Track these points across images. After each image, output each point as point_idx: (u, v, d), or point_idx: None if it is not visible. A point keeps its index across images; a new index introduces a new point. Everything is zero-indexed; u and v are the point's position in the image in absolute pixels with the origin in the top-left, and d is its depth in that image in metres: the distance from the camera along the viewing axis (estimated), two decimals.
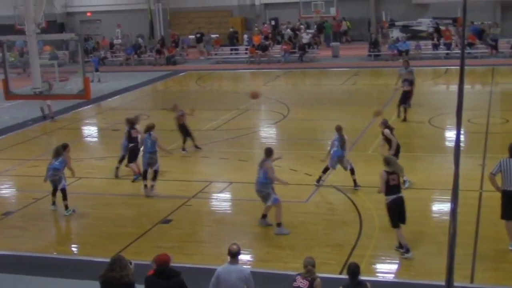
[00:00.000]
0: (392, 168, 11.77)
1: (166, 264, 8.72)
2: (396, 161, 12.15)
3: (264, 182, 13.15)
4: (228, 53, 44.16)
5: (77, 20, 53.69)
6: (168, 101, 30.31)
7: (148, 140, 16.12)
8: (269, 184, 13.18)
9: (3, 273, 12.08)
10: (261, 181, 13.18)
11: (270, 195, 13.17)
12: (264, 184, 13.15)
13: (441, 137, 20.91)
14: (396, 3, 46.94)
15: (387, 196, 11.77)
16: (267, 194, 13.18)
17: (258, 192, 13.29)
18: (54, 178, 14.96)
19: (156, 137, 16.32)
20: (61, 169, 14.99)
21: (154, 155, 16.07)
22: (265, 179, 13.13)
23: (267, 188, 13.17)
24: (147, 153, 16.04)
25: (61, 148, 15.19)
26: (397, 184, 11.76)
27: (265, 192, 13.19)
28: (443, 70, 34.38)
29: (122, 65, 43.05)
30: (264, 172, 13.12)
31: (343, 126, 16.03)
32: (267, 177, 13.12)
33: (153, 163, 16.04)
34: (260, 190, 13.24)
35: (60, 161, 14.99)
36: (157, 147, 16.14)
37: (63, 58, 41.27)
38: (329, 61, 39.88)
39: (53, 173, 14.96)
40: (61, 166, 14.99)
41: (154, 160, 16.04)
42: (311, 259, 8.86)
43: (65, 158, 15.08)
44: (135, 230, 13.76)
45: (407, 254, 11.76)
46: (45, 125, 25.32)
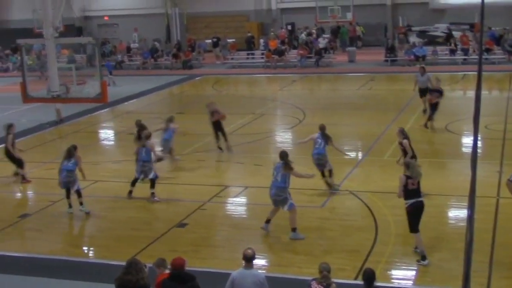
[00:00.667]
0: (410, 172, 11.73)
1: (182, 268, 8.74)
2: (415, 165, 12.02)
3: (282, 187, 13.05)
4: (244, 57, 44.21)
5: (94, 24, 54.00)
6: (184, 105, 30.46)
7: (143, 149, 16.07)
8: (287, 188, 13.12)
9: (19, 275, 12.15)
10: (278, 185, 13.06)
11: (287, 200, 13.09)
12: (282, 189, 13.05)
13: (458, 143, 20.80)
14: (413, 8, 46.77)
15: (407, 201, 11.71)
16: (285, 198, 13.08)
17: (275, 196, 13.12)
18: (69, 179, 15.09)
19: (153, 145, 16.36)
20: (74, 170, 15.15)
21: (148, 163, 16.03)
22: (284, 183, 13.04)
23: (285, 192, 13.09)
24: (140, 161, 15.99)
25: (73, 149, 15.35)
26: (416, 188, 11.68)
27: (283, 197, 13.07)
28: (460, 76, 34.20)
29: (138, 69, 43.23)
30: (282, 176, 13.03)
31: (361, 131, 15.97)
32: (286, 182, 13.04)
33: (148, 172, 15.98)
34: (278, 194, 13.08)
35: (73, 162, 15.16)
36: (152, 156, 16.17)
37: (80, 62, 41.51)
38: (345, 66, 39.81)
39: (67, 174, 15.11)
40: (74, 167, 15.16)
41: (149, 168, 15.97)
42: (327, 264, 8.84)
43: (77, 159, 15.24)
44: (151, 234, 13.80)
45: (423, 261, 11.68)
46: (62, 128, 25.48)
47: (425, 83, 23.34)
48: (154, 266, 9.16)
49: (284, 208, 13.16)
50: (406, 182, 11.61)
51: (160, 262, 9.10)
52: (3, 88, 36.76)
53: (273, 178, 13.25)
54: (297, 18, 48.87)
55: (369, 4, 46.42)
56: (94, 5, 52.75)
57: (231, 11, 49.55)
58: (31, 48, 39.87)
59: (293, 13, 49.36)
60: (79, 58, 42.74)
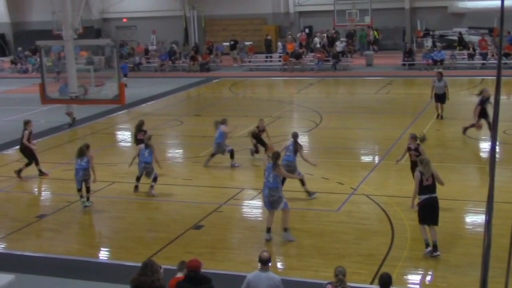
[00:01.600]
0: (422, 168, 12.12)
1: (197, 270, 8.77)
2: (428, 162, 12.27)
3: (275, 187, 13.19)
4: (261, 60, 44.26)
5: (113, 26, 54.31)
6: (201, 108, 30.53)
7: (145, 150, 16.45)
8: (280, 188, 13.28)
9: (36, 275, 12.24)
10: (271, 186, 13.19)
11: (282, 199, 13.21)
12: (275, 189, 13.20)
13: (476, 148, 20.67)
14: (431, 12, 46.59)
15: (420, 196, 12.09)
16: (279, 197, 13.19)
17: (269, 196, 13.21)
18: (86, 177, 15.60)
19: (154, 147, 16.72)
20: (89, 168, 15.64)
21: (149, 165, 16.47)
22: (276, 183, 13.19)
23: (278, 192, 13.22)
24: (142, 163, 16.44)
25: (85, 148, 15.83)
26: (431, 184, 12.04)
27: (277, 196, 13.19)
28: (478, 80, 33.99)
29: (156, 71, 43.40)
30: (274, 177, 13.16)
31: (378, 135, 15.94)
32: (278, 182, 13.21)
33: (150, 173, 16.49)
34: (271, 194, 13.19)
35: (86, 160, 15.62)
36: (153, 157, 16.52)
37: (99, 64, 41.73)
38: (363, 70, 39.72)
39: (83, 173, 15.59)
40: (88, 165, 15.65)
41: (151, 169, 16.46)
42: (342, 268, 8.83)
43: (90, 158, 15.69)
44: (167, 235, 13.84)
45: (426, 249, 12.06)
46: (79, 129, 25.64)
47: (442, 89, 23.17)
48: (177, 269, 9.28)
49: (278, 208, 13.25)
50: (421, 178, 12.03)
51: (181, 267, 9.20)
52: (22, 89, 37.07)
53: (264, 179, 13.39)
54: (314, 21, 48.85)
55: (387, 8, 46.27)
56: (113, 7, 53.04)
57: (249, 14, 49.62)
58: (50, 50, 40.16)
59: (311, 16, 49.33)
60: (98, 60, 42.97)
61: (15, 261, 12.95)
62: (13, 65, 46.75)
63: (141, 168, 16.54)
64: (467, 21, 45.29)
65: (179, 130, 25.26)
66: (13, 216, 15.83)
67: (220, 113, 26.90)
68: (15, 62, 46.83)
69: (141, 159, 16.51)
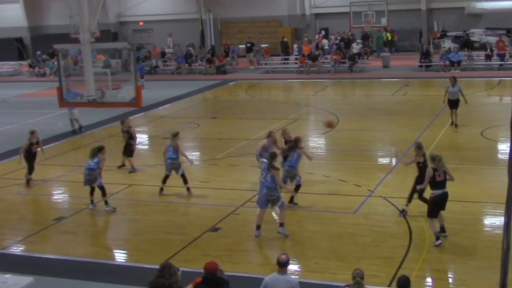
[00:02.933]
0: (435, 164, 12.60)
1: (215, 272, 8.77)
2: (441, 159, 12.68)
3: (273, 187, 13.44)
4: (278, 62, 44.24)
5: (129, 29, 54.58)
6: (218, 110, 30.58)
7: (170, 147, 16.71)
8: (276, 188, 13.53)
9: (55, 277, 12.31)
10: (269, 186, 13.45)
11: (280, 198, 13.54)
12: (273, 189, 13.46)
13: (494, 150, 20.52)
14: (448, 13, 46.32)
15: (434, 191, 12.60)
16: (277, 197, 13.50)
17: (268, 196, 13.47)
18: (89, 177, 15.67)
19: (178, 144, 16.80)
20: (96, 169, 15.64)
21: (175, 160, 16.68)
22: (274, 183, 13.43)
23: (276, 192, 13.49)
24: (168, 159, 16.67)
25: (97, 149, 15.94)
26: (443, 180, 12.57)
27: (276, 196, 13.48)
28: (496, 82, 33.78)
29: (173, 74, 43.54)
30: (271, 177, 13.41)
31: (395, 137, 15.86)
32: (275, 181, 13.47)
33: (177, 168, 16.72)
34: (270, 194, 13.46)
35: (96, 161, 15.70)
36: (179, 153, 16.77)
37: (115, 67, 41.94)
38: (379, 72, 39.59)
39: (88, 172, 15.71)
40: (96, 166, 15.69)
41: (177, 165, 16.69)
42: (360, 271, 8.79)
43: (100, 159, 15.75)
44: (184, 238, 13.88)
45: (437, 241, 12.47)
46: (97, 132, 25.76)
47: (456, 94, 22.52)
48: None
49: (276, 206, 13.67)
50: (434, 174, 12.52)
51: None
52: (40, 92, 37.35)
53: (262, 179, 13.68)
54: (330, 23, 48.77)
55: (403, 9, 46.07)
56: (130, 10, 53.32)
57: (265, 16, 49.65)
58: (67, 53, 40.43)
59: (327, 18, 49.26)
60: (115, 63, 43.19)
61: (34, 263, 13.04)
62: (31, 69, 47.12)
63: (168, 165, 16.71)
64: (484, 22, 45.00)
65: (195, 133, 25.30)
66: (32, 219, 15.97)
67: (237, 116, 26.96)
68: (33, 65, 47.20)
69: (167, 156, 16.75)
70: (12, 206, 16.93)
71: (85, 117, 26.81)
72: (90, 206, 15.96)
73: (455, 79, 23.02)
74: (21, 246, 14.22)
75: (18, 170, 19.10)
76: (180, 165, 16.77)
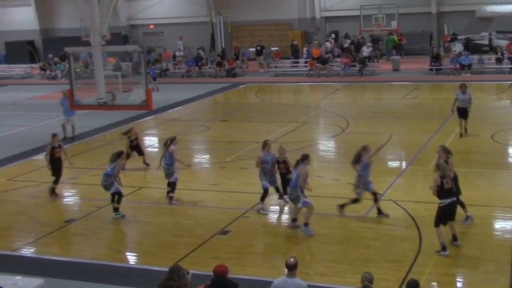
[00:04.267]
0: (441, 172, 12.33)
1: (224, 275, 8.80)
2: (446, 167, 12.51)
3: (294, 186, 13.75)
4: (288, 66, 44.26)
5: (140, 32, 54.73)
6: (228, 113, 30.63)
7: (167, 153, 16.48)
8: (298, 187, 13.71)
9: (65, 279, 12.38)
10: (292, 185, 13.86)
11: (299, 198, 13.72)
12: (294, 188, 13.76)
13: (504, 153, 20.46)
14: (458, 16, 46.19)
15: (443, 200, 12.25)
16: (296, 197, 13.76)
17: (289, 195, 14.10)
18: (105, 183, 15.50)
19: (174, 149, 16.51)
20: (111, 175, 15.45)
21: (170, 166, 16.40)
22: (296, 183, 13.71)
23: (296, 191, 13.72)
24: (165, 165, 16.48)
25: (116, 155, 15.74)
26: (451, 187, 12.25)
27: (295, 195, 13.78)
28: (507, 85, 33.64)
29: (183, 77, 43.63)
30: (296, 176, 13.72)
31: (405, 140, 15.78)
32: (297, 182, 13.69)
33: (170, 175, 16.39)
34: (291, 193, 13.94)
35: (112, 167, 15.52)
36: (175, 159, 16.47)
37: (126, 70, 42.09)
38: (389, 75, 39.51)
39: (104, 178, 15.57)
40: (112, 172, 15.51)
41: (171, 171, 16.37)
42: (369, 274, 8.80)
43: (116, 164, 15.53)
44: (194, 240, 13.91)
45: (443, 251, 12.18)
46: (108, 135, 25.85)
47: (466, 102, 21.44)
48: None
49: (298, 205, 13.86)
50: (442, 182, 12.18)
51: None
52: (52, 95, 37.47)
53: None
54: (341, 26, 48.73)
55: (414, 12, 45.99)
56: (140, 13, 53.47)
57: (275, 19, 49.66)
58: (79, 56, 40.63)
59: (337, 21, 49.22)
60: (125, 66, 43.34)
61: (44, 265, 13.11)
62: (42, 72, 47.34)
63: (165, 170, 16.59)
64: (495, 25, 44.83)
65: (205, 136, 25.36)
66: (42, 221, 16.04)
67: (247, 119, 26.98)
68: (44, 68, 47.43)
69: (165, 160, 16.66)
70: (22, 208, 17.02)
71: (96, 119, 26.98)
72: (114, 215, 15.60)
73: (466, 86, 21.81)
74: (31, 248, 14.29)
75: (29, 173, 19.21)
76: (174, 172, 16.36)
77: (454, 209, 12.34)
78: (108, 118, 27.10)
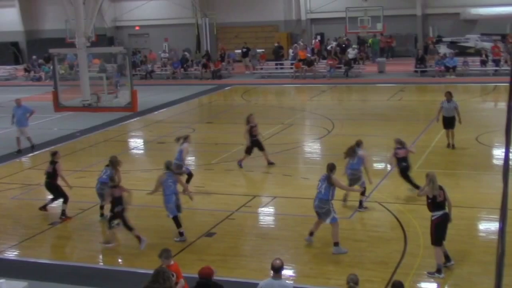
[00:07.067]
0: (432, 186, 11.57)
1: (209, 277, 8.78)
2: (436, 179, 11.71)
3: (325, 199, 12.88)
4: (273, 67, 44.28)
5: (125, 33, 54.57)
6: (214, 115, 30.58)
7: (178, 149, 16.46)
8: (330, 201, 12.93)
9: (50, 282, 12.28)
10: (321, 198, 12.92)
11: (330, 212, 12.89)
12: (325, 201, 12.89)
13: (489, 155, 20.56)
14: (443, 18, 46.46)
15: (435, 213, 11.61)
16: (328, 210, 12.89)
17: (318, 208, 12.99)
18: (101, 191, 15.21)
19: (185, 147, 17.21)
20: (107, 183, 15.15)
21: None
22: (327, 195, 12.89)
23: (327, 204, 12.91)
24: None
25: (113, 162, 15.37)
26: (443, 200, 11.61)
27: (326, 209, 12.89)
28: (491, 87, 33.86)
29: (169, 79, 43.54)
30: (326, 188, 12.89)
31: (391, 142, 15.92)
32: (330, 194, 12.91)
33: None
34: (320, 206, 12.95)
35: (108, 174, 15.18)
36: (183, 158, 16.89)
37: (111, 71, 41.91)
38: (375, 77, 39.65)
39: (100, 186, 15.29)
40: (107, 180, 15.12)
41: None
42: (355, 276, 8.80)
43: (113, 171, 15.24)
44: (179, 243, 13.85)
45: (438, 274, 11.54)
46: (92, 137, 25.71)
47: (451, 111, 20.44)
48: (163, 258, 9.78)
49: (326, 221, 12.99)
50: (434, 195, 11.53)
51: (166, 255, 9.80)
52: (36, 97, 37.27)
53: (317, 190, 13.12)
54: (326, 28, 48.86)
55: (399, 14, 46.18)
56: (125, 15, 53.31)
57: (261, 21, 49.70)
58: (64, 58, 40.45)
59: (323, 23, 49.34)
60: (110, 68, 43.17)
61: (28, 268, 13.01)
62: (26, 73, 47.05)
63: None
64: (479, 28, 45.12)
65: (191, 138, 25.22)
66: (26, 223, 15.91)
67: (233, 121, 26.93)
68: (28, 70, 47.14)
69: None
70: (6, 211, 16.89)
71: (81, 122, 26.82)
72: (100, 219, 15.49)
73: (451, 94, 20.68)
74: (15, 251, 14.19)
75: (12, 175, 19.05)
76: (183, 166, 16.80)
77: (446, 222, 11.67)
78: (93, 120, 26.95)
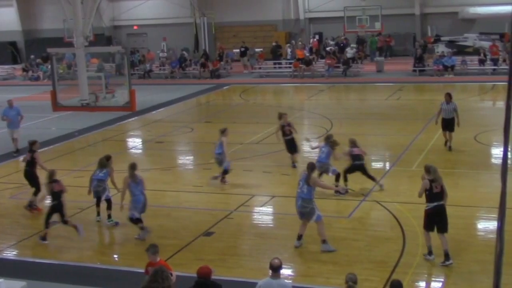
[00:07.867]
0: (432, 176, 11.97)
1: (207, 276, 8.77)
2: (436, 169, 12.15)
3: (308, 198, 12.88)
4: (272, 67, 44.26)
5: (123, 33, 54.56)
6: (212, 114, 30.55)
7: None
8: (313, 200, 12.96)
9: (48, 281, 12.27)
10: (304, 197, 12.89)
11: (314, 211, 12.89)
12: (308, 200, 12.88)
13: (487, 154, 20.56)
14: (442, 18, 46.49)
15: (429, 203, 11.97)
16: (312, 209, 12.88)
17: (301, 208, 12.95)
18: (98, 189, 15.25)
19: (224, 140, 17.34)
20: (105, 180, 15.25)
21: (220, 155, 17.02)
22: (309, 195, 12.90)
23: (311, 203, 12.91)
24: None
25: (104, 160, 15.44)
26: (439, 192, 11.92)
27: (310, 208, 12.88)
28: (489, 86, 33.87)
29: (167, 78, 43.51)
30: (308, 188, 12.89)
31: (389, 141, 15.90)
32: (312, 193, 12.93)
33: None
34: (304, 205, 12.91)
35: (105, 172, 15.25)
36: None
37: (109, 71, 41.90)
38: (373, 76, 39.67)
39: (97, 184, 15.26)
40: (105, 177, 15.26)
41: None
42: (353, 275, 8.79)
43: (109, 170, 15.31)
44: (178, 242, 13.84)
45: (429, 256, 12.09)
46: (90, 136, 25.68)
47: (451, 112, 20.24)
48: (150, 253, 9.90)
49: (311, 220, 12.99)
50: (431, 186, 11.88)
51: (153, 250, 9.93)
52: (34, 96, 37.24)
53: (298, 189, 13.09)
54: (325, 27, 48.88)
55: (397, 13, 46.23)
56: (124, 14, 53.31)
57: (259, 20, 49.72)
58: (62, 57, 40.46)
59: (321, 22, 49.36)
60: (108, 67, 43.16)
61: (27, 268, 13.00)
62: (24, 73, 46.99)
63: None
64: (478, 27, 45.15)
65: (189, 137, 25.29)
66: (25, 223, 15.90)
67: (231, 120, 26.91)
68: (26, 69, 47.09)
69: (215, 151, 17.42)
70: (4, 211, 16.87)
71: (79, 121, 26.78)
72: (97, 218, 15.46)
73: (450, 96, 20.55)
74: (13, 250, 14.17)
75: (10, 175, 19.01)
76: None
77: (440, 213, 11.88)
78: (91, 119, 26.93)
